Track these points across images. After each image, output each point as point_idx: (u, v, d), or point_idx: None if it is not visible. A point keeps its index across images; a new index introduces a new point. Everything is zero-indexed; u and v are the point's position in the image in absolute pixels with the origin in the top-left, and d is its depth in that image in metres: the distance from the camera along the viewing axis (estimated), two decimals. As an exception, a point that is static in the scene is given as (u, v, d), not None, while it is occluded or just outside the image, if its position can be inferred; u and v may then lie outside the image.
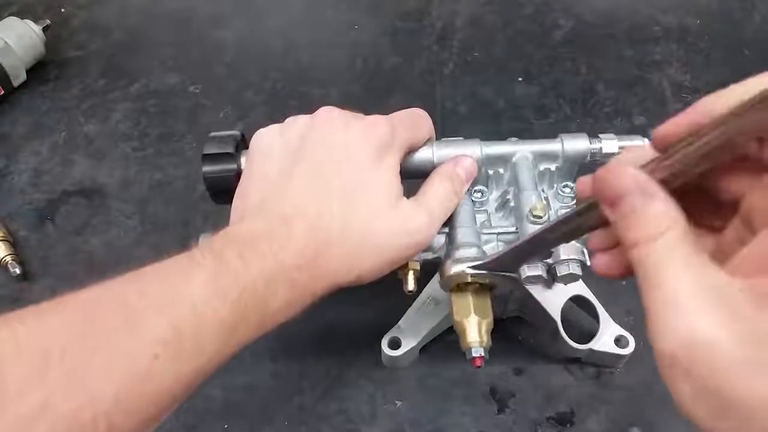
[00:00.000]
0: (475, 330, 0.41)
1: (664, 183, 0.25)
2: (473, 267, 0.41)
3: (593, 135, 0.46)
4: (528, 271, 0.42)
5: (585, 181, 0.30)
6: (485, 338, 0.41)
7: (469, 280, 0.42)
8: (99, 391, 0.28)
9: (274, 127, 0.43)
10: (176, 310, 0.32)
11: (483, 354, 0.41)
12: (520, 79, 0.73)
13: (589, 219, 0.29)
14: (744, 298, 0.22)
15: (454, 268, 0.41)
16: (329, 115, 0.42)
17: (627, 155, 0.28)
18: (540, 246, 0.37)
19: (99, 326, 0.30)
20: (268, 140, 0.42)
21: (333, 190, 0.39)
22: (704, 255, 0.24)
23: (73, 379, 0.28)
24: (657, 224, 0.24)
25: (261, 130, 0.43)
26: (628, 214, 0.25)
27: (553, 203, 0.46)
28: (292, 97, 0.73)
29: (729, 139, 0.24)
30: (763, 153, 0.25)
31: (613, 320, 0.51)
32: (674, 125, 0.26)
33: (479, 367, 0.41)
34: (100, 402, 0.28)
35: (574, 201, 0.45)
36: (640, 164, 0.26)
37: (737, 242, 0.26)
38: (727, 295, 0.22)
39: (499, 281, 0.42)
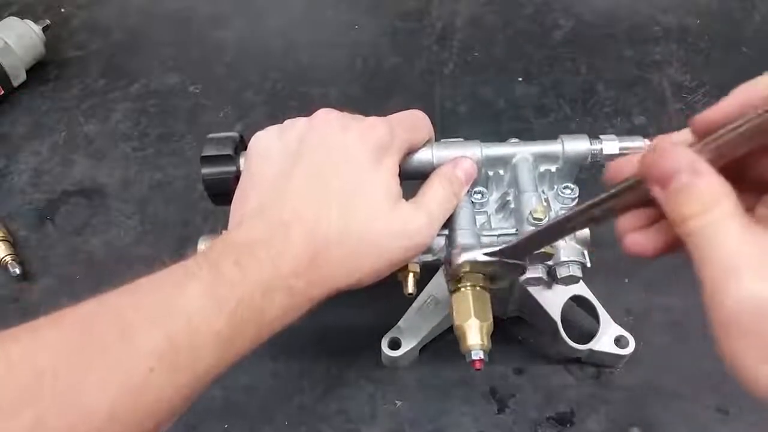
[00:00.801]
0: (475, 333, 0.41)
1: (710, 163, 0.26)
2: (487, 254, 0.40)
3: (594, 136, 0.45)
4: (528, 272, 0.42)
5: (620, 163, 0.31)
6: (485, 341, 0.41)
7: (472, 271, 0.41)
8: (93, 407, 0.28)
9: (272, 130, 0.43)
10: (171, 322, 0.31)
11: (483, 357, 0.41)
12: (520, 79, 0.73)
13: (626, 199, 0.30)
14: None
15: (464, 256, 0.41)
16: (327, 117, 0.41)
17: (669, 136, 0.30)
18: (559, 232, 0.37)
19: (93, 341, 0.30)
20: (266, 143, 0.42)
21: (331, 193, 0.38)
22: (754, 221, 0.25)
23: (67, 396, 0.28)
24: (710, 197, 0.25)
25: (259, 132, 0.43)
26: (680, 190, 0.26)
27: (553, 204, 0.46)
28: (292, 97, 0.73)
29: (762, 129, 0.26)
30: None
31: (613, 320, 0.51)
32: (715, 112, 0.28)
33: (479, 369, 0.41)
34: (95, 417, 0.28)
35: (575, 201, 0.45)
36: (687, 144, 0.27)
37: None
38: None
39: (505, 271, 0.42)
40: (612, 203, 0.31)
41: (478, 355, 0.41)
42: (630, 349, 0.50)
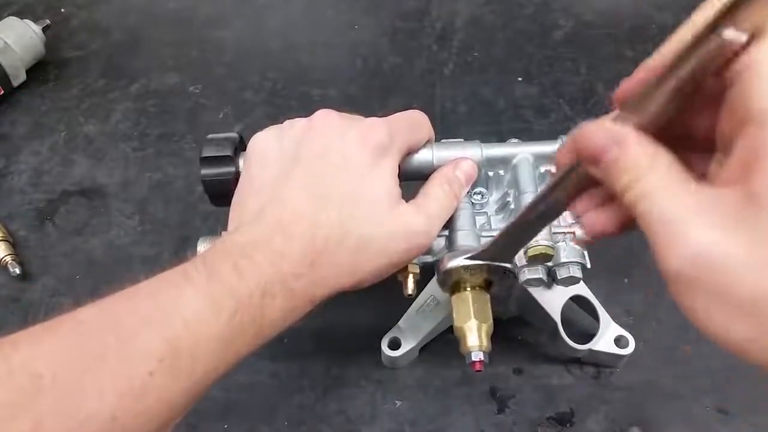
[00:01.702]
0: (475, 334, 0.41)
1: (641, 127, 0.26)
2: (469, 258, 0.41)
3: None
4: (528, 273, 0.42)
5: (561, 151, 0.30)
6: (485, 342, 0.41)
7: (467, 275, 0.42)
8: (93, 412, 0.28)
9: (271, 131, 0.42)
10: (170, 326, 0.31)
11: (483, 358, 0.41)
12: (520, 79, 0.73)
13: (570, 185, 0.30)
14: (737, 202, 0.22)
15: (450, 263, 0.41)
16: (326, 118, 0.41)
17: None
18: (528, 229, 0.37)
19: (92, 347, 0.30)
20: (265, 144, 0.42)
21: (331, 195, 0.38)
22: (694, 179, 0.24)
23: (66, 401, 0.28)
24: (642, 163, 0.25)
25: (258, 133, 0.43)
26: (611, 164, 0.26)
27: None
28: (292, 97, 0.73)
29: (688, 78, 0.25)
30: (721, 85, 0.25)
31: (613, 320, 0.51)
32: (629, 82, 0.28)
33: (479, 371, 0.41)
34: (95, 422, 0.28)
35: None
36: (610, 118, 0.27)
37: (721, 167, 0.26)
38: (723, 204, 0.23)
39: (497, 276, 0.42)
40: (558, 192, 0.31)
41: (478, 356, 0.41)
42: (630, 349, 0.50)
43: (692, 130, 0.28)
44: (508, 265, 0.41)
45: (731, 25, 0.23)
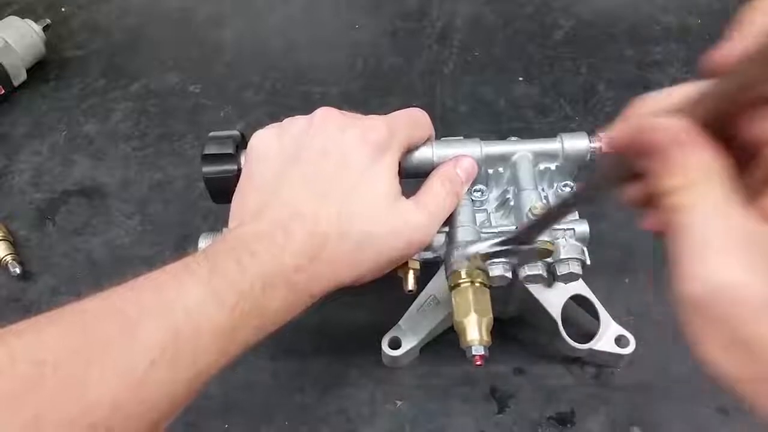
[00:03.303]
0: (475, 328, 0.41)
1: (699, 125, 0.24)
2: (498, 243, 0.41)
3: (593, 134, 0.46)
4: (528, 270, 0.42)
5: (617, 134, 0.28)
6: (485, 336, 0.41)
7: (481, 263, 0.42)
8: (95, 400, 0.29)
9: (271, 129, 0.43)
10: (172, 316, 0.32)
11: (483, 352, 0.41)
12: (520, 78, 0.73)
13: (620, 171, 0.28)
14: None
15: (472, 248, 0.41)
16: (326, 116, 0.41)
17: (645, 101, 0.28)
18: (559, 215, 0.37)
19: (94, 336, 0.30)
20: (265, 142, 0.42)
21: (331, 191, 0.39)
22: (738, 202, 0.23)
23: (68, 388, 0.28)
24: (693, 172, 0.24)
25: (258, 132, 0.43)
26: (663, 162, 0.24)
27: (553, 202, 0.46)
28: (292, 97, 0.73)
29: (750, 82, 0.23)
30: None
31: (614, 320, 0.51)
32: (734, 45, 0.25)
33: (480, 365, 0.41)
34: (97, 410, 0.28)
35: None
36: (671, 109, 0.25)
37: (763, 185, 0.25)
38: (758, 241, 0.22)
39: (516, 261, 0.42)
40: (608, 175, 0.30)
41: (478, 350, 0.41)
42: (630, 348, 0.50)
43: (744, 134, 0.26)
44: (532, 246, 0.41)
45: None
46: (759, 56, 0.22)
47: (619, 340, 0.50)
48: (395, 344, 0.51)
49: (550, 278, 0.43)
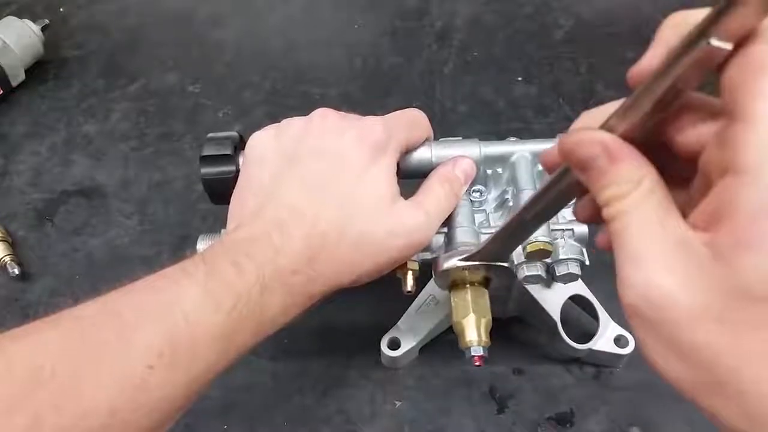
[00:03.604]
0: (474, 329, 0.41)
1: (627, 137, 0.25)
2: (463, 259, 0.41)
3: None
4: (527, 270, 0.42)
5: (550, 152, 0.29)
6: (484, 337, 0.41)
7: (465, 273, 0.42)
8: (92, 405, 0.29)
9: (269, 130, 0.43)
10: (169, 321, 0.32)
11: (482, 353, 0.41)
12: (519, 79, 0.73)
13: (563, 188, 0.29)
14: (705, 252, 0.22)
15: (446, 264, 0.41)
16: (324, 117, 0.41)
17: (588, 115, 0.28)
18: (524, 229, 0.36)
19: (92, 341, 0.30)
20: (263, 144, 0.42)
21: (329, 193, 0.39)
22: (673, 210, 0.24)
23: (65, 394, 0.28)
24: (623, 183, 0.24)
25: (256, 132, 0.43)
26: (597, 176, 0.25)
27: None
28: (292, 97, 0.73)
29: (672, 86, 0.24)
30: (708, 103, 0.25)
31: (613, 320, 0.51)
32: (650, 57, 0.27)
33: (479, 365, 0.41)
34: (94, 415, 0.28)
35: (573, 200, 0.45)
36: (601, 122, 0.26)
37: (700, 196, 0.25)
38: (688, 249, 0.23)
39: (494, 274, 0.42)
40: (552, 194, 0.30)
41: (477, 351, 0.41)
42: (630, 348, 0.50)
43: (677, 147, 0.26)
44: (504, 264, 0.41)
45: (717, 33, 0.22)
46: (664, 68, 0.24)
47: (619, 340, 0.50)
48: (394, 345, 0.51)
49: (549, 278, 0.43)
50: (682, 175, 0.26)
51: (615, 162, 0.25)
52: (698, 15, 0.23)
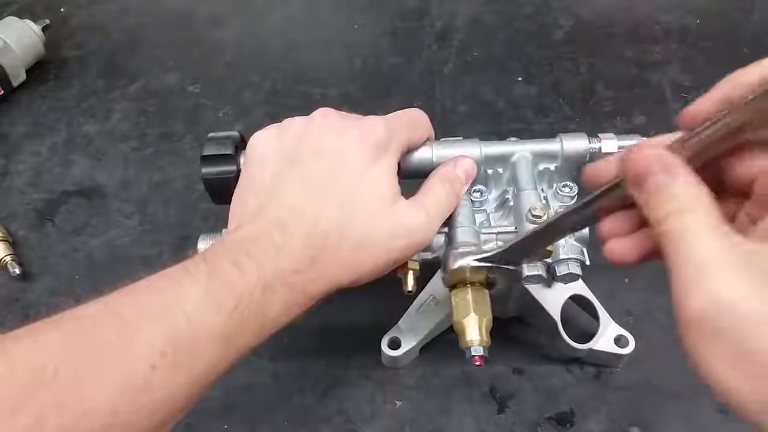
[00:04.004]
0: (474, 328, 0.41)
1: (688, 162, 0.27)
2: (480, 260, 0.41)
3: (592, 134, 0.46)
4: (527, 270, 0.42)
5: (595, 167, 0.32)
6: (485, 337, 0.41)
7: (468, 274, 0.42)
8: (94, 405, 0.28)
9: (270, 130, 0.43)
10: (171, 321, 0.32)
11: (483, 353, 0.41)
12: (519, 79, 0.73)
13: (609, 201, 0.31)
14: None
15: (459, 261, 0.41)
16: (325, 117, 0.41)
17: (653, 139, 0.30)
18: (550, 235, 0.37)
19: (94, 341, 0.30)
20: (264, 144, 0.42)
21: (330, 193, 0.39)
22: (729, 226, 0.25)
23: (67, 394, 0.28)
24: (685, 199, 0.26)
25: (257, 132, 0.43)
26: (654, 191, 0.27)
27: (552, 203, 0.46)
28: (292, 97, 0.73)
29: (743, 123, 0.26)
30: None
31: (613, 320, 0.51)
32: (704, 101, 0.29)
33: (479, 365, 0.41)
34: (97, 415, 0.28)
35: (574, 200, 0.45)
36: (665, 145, 0.28)
37: (750, 223, 0.27)
38: (754, 258, 0.23)
39: (501, 276, 0.42)
40: (595, 206, 0.32)
41: (477, 351, 0.41)
42: (630, 348, 0.50)
43: (732, 175, 0.28)
44: (517, 267, 0.41)
45: None
46: (732, 112, 0.27)
47: (619, 340, 0.50)
48: (395, 344, 0.51)
49: (550, 278, 0.43)
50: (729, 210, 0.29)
51: (675, 177, 0.26)
52: (753, 75, 0.27)
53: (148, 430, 0.30)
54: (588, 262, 0.43)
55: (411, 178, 0.45)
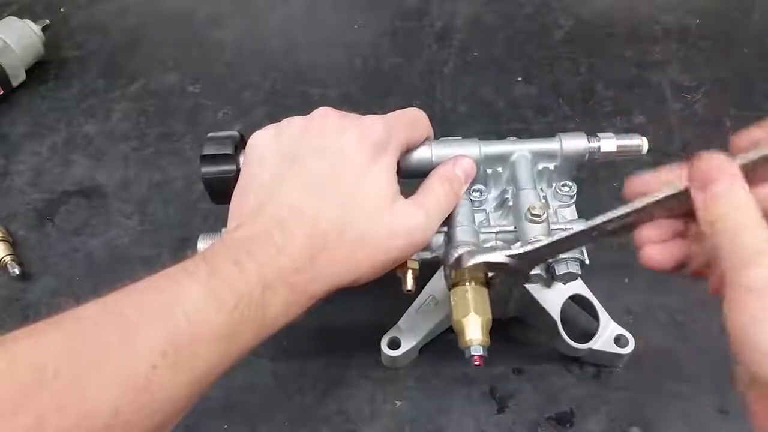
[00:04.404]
0: (474, 328, 0.41)
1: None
2: (509, 256, 0.40)
3: (592, 134, 0.46)
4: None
5: (643, 178, 0.36)
6: (484, 336, 0.41)
7: (466, 272, 0.42)
8: (95, 405, 0.28)
9: (269, 129, 0.43)
10: (172, 321, 0.32)
11: (482, 352, 0.41)
12: (519, 79, 0.73)
13: (661, 208, 0.34)
14: None
15: (488, 257, 0.40)
16: (325, 116, 0.41)
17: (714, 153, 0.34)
18: (592, 236, 0.38)
19: (94, 341, 0.30)
20: (264, 143, 0.42)
21: (329, 192, 0.39)
22: None
23: (68, 394, 0.28)
24: (744, 201, 0.30)
25: (257, 132, 0.43)
26: (718, 192, 0.31)
27: (551, 202, 0.46)
28: (292, 97, 0.73)
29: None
30: None
31: (613, 320, 0.51)
32: (758, 131, 0.34)
33: (479, 365, 0.41)
34: (98, 415, 0.28)
35: (573, 199, 0.46)
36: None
37: None
38: None
39: (506, 277, 0.42)
40: (647, 211, 0.34)
41: (477, 350, 0.40)
42: (630, 348, 0.50)
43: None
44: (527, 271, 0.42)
45: None
46: None
47: (619, 340, 0.50)
48: (394, 345, 0.51)
49: (549, 278, 0.43)
50: None
51: (736, 182, 0.31)
52: None
53: (150, 429, 0.30)
54: (587, 262, 0.43)
55: (410, 177, 0.45)
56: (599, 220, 0.36)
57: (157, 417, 0.31)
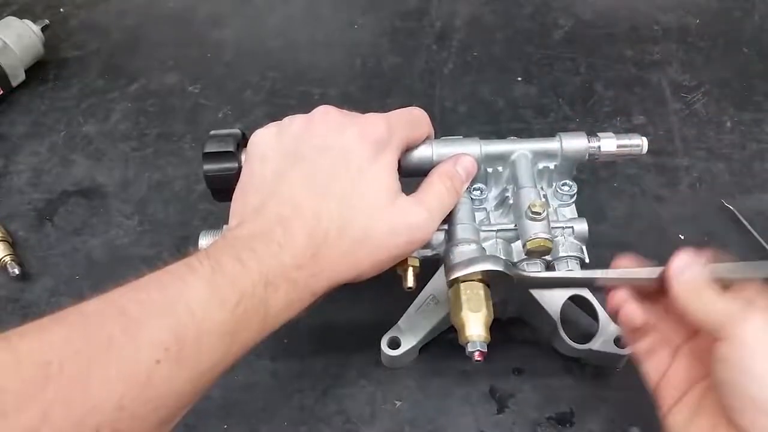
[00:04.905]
0: (474, 324, 0.41)
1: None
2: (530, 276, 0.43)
3: (592, 134, 0.46)
4: (527, 268, 0.42)
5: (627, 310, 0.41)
6: (484, 332, 0.41)
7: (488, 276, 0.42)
8: (100, 400, 0.29)
9: (271, 128, 0.43)
10: (175, 316, 0.32)
11: (482, 348, 0.41)
12: (519, 78, 0.73)
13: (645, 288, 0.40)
14: None
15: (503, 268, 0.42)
16: (326, 114, 0.42)
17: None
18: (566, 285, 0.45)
19: (98, 336, 0.30)
20: (265, 141, 0.42)
21: (330, 190, 0.39)
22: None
23: (73, 389, 0.28)
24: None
25: (258, 130, 0.43)
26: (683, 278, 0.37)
27: (551, 201, 0.46)
28: (292, 97, 0.73)
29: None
30: None
31: (613, 320, 0.51)
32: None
33: (480, 361, 0.41)
34: (102, 410, 0.29)
35: (573, 198, 0.46)
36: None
37: None
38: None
39: (505, 285, 0.42)
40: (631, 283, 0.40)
41: (476, 346, 0.40)
42: (629, 349, 0.50)
43: None
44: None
45: None
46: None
47: (618, 340, 0.50)
48: (394, 344, 0.51)
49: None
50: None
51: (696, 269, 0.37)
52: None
53: (154, 425, 0.31)
54: (587, 260, 0.43)
55: (411, 176, 0.45)
56: (597, 274, 0.41)
57: (162, 411, 0.31)
